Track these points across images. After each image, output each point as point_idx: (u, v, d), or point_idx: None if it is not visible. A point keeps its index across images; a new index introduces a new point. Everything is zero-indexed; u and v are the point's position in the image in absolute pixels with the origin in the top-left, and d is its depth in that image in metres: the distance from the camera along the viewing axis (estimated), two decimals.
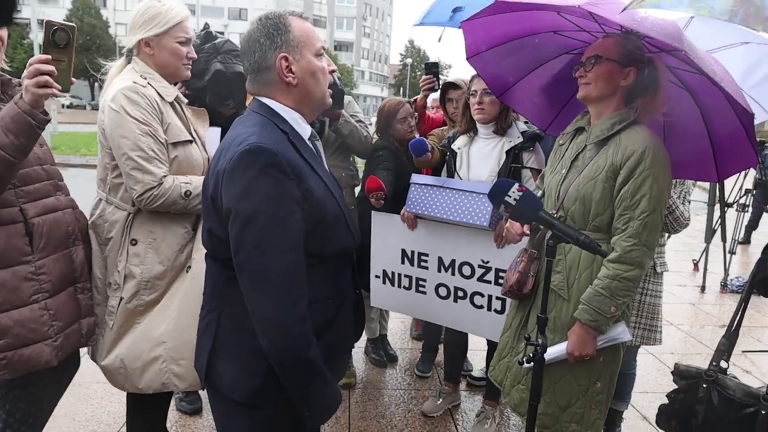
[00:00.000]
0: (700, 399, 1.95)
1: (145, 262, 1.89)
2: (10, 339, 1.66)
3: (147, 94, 1.83)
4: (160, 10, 1.87)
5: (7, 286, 1.65)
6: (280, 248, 1.22)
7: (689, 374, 2.03)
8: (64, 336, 1.80)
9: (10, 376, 1.69)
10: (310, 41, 1.34)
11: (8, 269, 1.66)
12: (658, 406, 2.11)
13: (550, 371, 1.75)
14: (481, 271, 2.52)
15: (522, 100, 2.34)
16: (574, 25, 1.89)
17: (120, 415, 2.73)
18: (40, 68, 1.49)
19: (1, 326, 1.65)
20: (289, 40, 1.31)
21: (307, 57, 1.34)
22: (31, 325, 1.70)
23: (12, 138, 1.50)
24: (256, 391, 1.32)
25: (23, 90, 1.51)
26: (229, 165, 1.21)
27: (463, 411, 3.00)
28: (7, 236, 1.66)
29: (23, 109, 1.50)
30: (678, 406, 2.03)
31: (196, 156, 1.97)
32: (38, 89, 1.49)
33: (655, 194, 1.64)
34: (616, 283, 1.65)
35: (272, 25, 1.31)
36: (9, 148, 1.50)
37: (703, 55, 1.51)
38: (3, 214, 1.65)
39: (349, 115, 3.00)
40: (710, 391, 1.94)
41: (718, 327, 4.53)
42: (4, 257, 1.66)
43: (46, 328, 1.74)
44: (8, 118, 1.50)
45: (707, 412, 1.93)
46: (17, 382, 1.76)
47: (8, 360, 1.66)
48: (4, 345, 1.66)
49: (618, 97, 1.76)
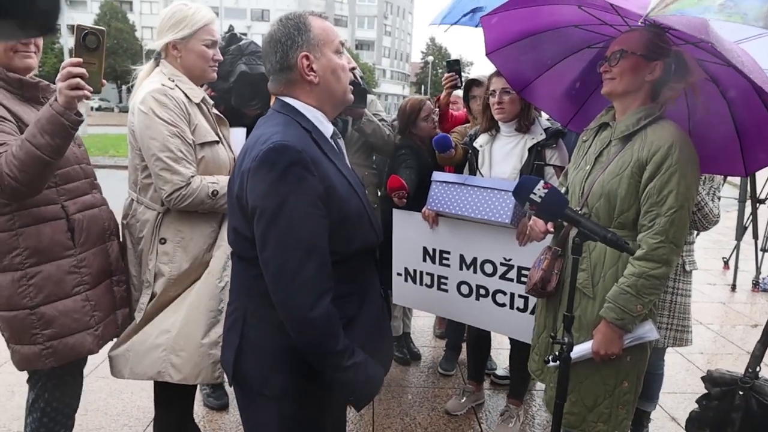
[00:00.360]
0: (737, 407, 1.89)
1: (173, 261, 1.94)
2: (56, 328, 1.78)
3: (175, 96, 1.87)
4: (187, 13, 1.91)
5: (52, 279, 1.76)
6: (305, 245, 1.24)
7: (723, 381, 1.97)
8: (104, 325, 1.92)
9: (56, 364, 1.80)
10: (330, 39, 1.36)
11: (53, 263, 1.77)
12: (689, 413, 2.06)
13: (577, 370, 1.73)
14: (503, 269, 2.51)
15: (542, 96, 2.32)
16: (596, 18, 1.86)
17: (149, 409, 2.79)
18: (72, 71, 1.55)
19: (47, 317, 1.76)
20: (309, 39, 1.33)
21: (327, 55, 1.35)
22: (74, 315, 1.81)
23: (48, 138, 1.57)
24: (284, 385, 1.35)
25: (57, 92, 1.57)
26: (254, 164, 1.24)
27: (487, 410, 2.99)
28: (52, 232, 1.76)
29: (57, 110, 1.56)
30: (712, 414, 1.97)
31: (223, 156, 2.01)
32: (71, 91, 1.55)
33: (683, 190, 1.61)
34: (643, 281, 1.63)
35: (293, 25, 1.33)
36: (45, 149, 1.57)
37: (730, 46, 1.47)
38: (47, 211, 1.75)
39: (371, 114, 3.01)
40: (747, 399, 1.88)
41: (749, 327, 4.42)
42: (50, 252, 1.76)
43: (88, 318, 1.85)
44: (44, 119, 1.57)
45: (745, 420, 1.87)
46: (57, 371, 1.86)
47: (54, 348, 1.78)
48: (51, 334, 1.77)
49: (644, 92, 1.73)
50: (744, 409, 1.88)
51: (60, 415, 1.94)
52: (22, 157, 1.55)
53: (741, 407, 1.89)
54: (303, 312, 1.24)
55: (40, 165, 1.58)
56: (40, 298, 1.75)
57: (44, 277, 1.76)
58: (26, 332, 1.76)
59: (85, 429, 2.63)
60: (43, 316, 1.76)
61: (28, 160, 1.55)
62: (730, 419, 1.91)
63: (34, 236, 1.73)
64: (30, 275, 1.74)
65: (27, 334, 1.76)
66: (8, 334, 1.79)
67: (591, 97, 2.19)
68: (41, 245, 1.74)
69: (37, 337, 1.76)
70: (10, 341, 1.80)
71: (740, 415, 1.89)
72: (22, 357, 1.78)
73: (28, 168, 1.56)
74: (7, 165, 1.56)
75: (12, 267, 1.72)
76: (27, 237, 1.72)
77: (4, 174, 1.56)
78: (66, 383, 1.94)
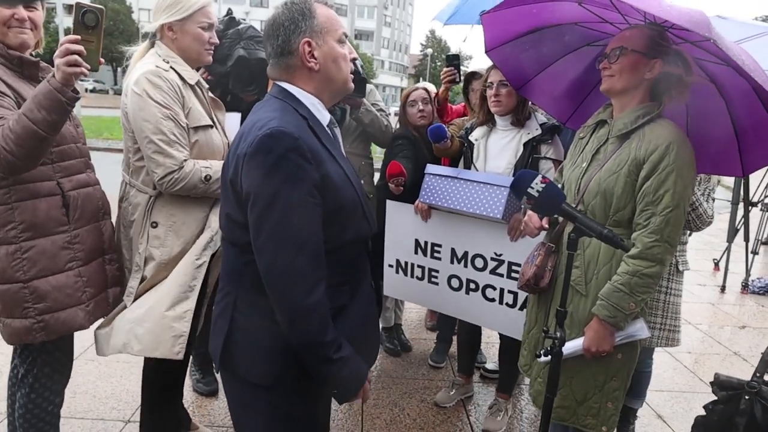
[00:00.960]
0: (741, 411, 1.90)
1: (165, 245, 1.92)
2: (48, 303, 1.79)
3: (169, 78, 1.85)
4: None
5: (46, 254, 1.78)
6: (299, 232, 1.23)
7: (730, 385, 1.97)
8: (95, 302, 1.93)
9: (46, 338, 1.81)
10: (333, 27, 1.34)
11: (47, 237, 1.79)
12: (695, 418, 2.07)
13: (567, 366, 1.74)
14: (494, 264, 2.51)
15: (541, 93, 2.31)
16: (596, 16, 1.85)
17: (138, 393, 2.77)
18: (70, 48, 1.55)
19: (40, 291, 1.78)
20: (313, 26, 1.31)
21: (329, 43, 1.34)
22: (66, 290, 1.83)
23: (44, 114, 1.57)
24: (274, 373, 1.34)
25: (55, 69, 1.57)
26: (250, 149, 1.22)
27: (476, 403, 3.01)
28: (47, 207, 1.78)
29: (54, 86, 1.57)
30: (717, 418, 1.98)
31: (217, 141, 1.99)
32: (68, 68, 1.55)
33: (679, 190, 1.61)
34: (636, 280, 1.63)
35: (297, 10, 1.31)
36: (41, 124, 1.58)
37: (731, 45, 1.47)
38: (43, 187, 1.77)
39: (370, 104, 3.00)
40: (753, 404, 1.89)
41: (737, 328, 4.46)
42: (45, 227, 1.78)
43: (80, 293, 1.86)
44: (41, 95, 1.58)
45: (748, 425, 1.88)
46: (48, 347, 1.88)
47: (46, 322, 1.79)
48: (43, 308, 1.79)
49: (643, 90, 1.72)
50: (749, 414, 1.88)
51: (48, 391, 1.94)
52: (18, 131, 1.57)
53: (746, 412, 1.89)
54: (295, 301, 1.23)
55: (36, 139, 1.59)
56: (34, 272, 1.76)
57: (38, 251, 1.77)
58: (18, 305, 1.76)
59: (74, 412, 2.63)
60: (35, 290, 1.77)
61: (24, 134, 1.57)
62: (734, 423, 1.91)
63: (30, 210, 1.75)
64: (24, 249, 1.75)
65: (19, 307, 1.76)
66: (0, 306, 1.79)
67: (590, 95, 2.19)
68: (36, 219, 1.76)
69: (29, 311, 1.77)
70: (1, 315, 1.80)
71: (744, 420, 1.89)
72: (13, 331, 1.79)
73: (23, 142, 1.58)
74: (3, 138, 1.58)
75: (6, 240, 1.73)
76: (23, 211, 1.74)
77: (1, 148, 1.58)
78: (56, 360, 1.94)
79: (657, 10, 1.44)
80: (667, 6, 1.46)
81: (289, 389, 1.37)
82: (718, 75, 1.72)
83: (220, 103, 2.13)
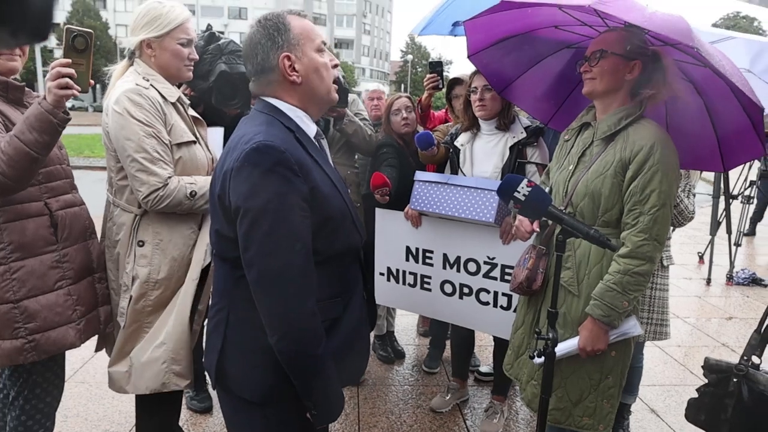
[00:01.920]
0: (730, 393, 1.95)
1: (152, 263, 1.91)
2: (38, 322, 1.79)
3: (150, 95, 1.84)
4: (161, 11, 1.88)
5: (36, 273, 1.79)
6: (288, 245, 1.22)
7: (719, 368, 2.03)
8: (86, 321, 1.93)
9: (37, 358, 1.81)
10: (311, 37, 1.35)
11: (36, 257, 1.80)
12: (687, 400, 2.12)
13: (561, 366, 1.76)
14: (487, 268, 2.53)
15: (523, 96, 2.35)
16: (575, 19, 1.89)
17: (131, 414, 2.75)
18: (61, 71, 1.59)
19: (30, 310, 1.78)
20: (289, 39, 1.31)
21: (309, 54, 1.34)
22: (57, 309, 1.83)
23: (36, 135, 1.61)
24: (268, 389, 1.33)
25: (46, 91, 1.62)
26: (237, 164, 1.22)
27: (472, 406, 3.02)
28: (36, 227, 1.80)
29: (46, 108, 1.61)
30: (707, 400, 2.03)
31: (200, 156, 1.98)
32: (60, 90, 1.60)
33: (665, 188, 1.64)
34: (628, 278, 1.66)
35: (272, 26, 1.32)
36: (33, 145, 1.61)
37: (712, 50, 1.51)
38: (31, 208, 1.79)
39: (353, 114, 3.01)
40: (740, 386, 1.94)
41: (724, 319, 4.53)
42: (33, 246, 1.79)
43: (70, 312, 1.87)
44: (32, 117, 1.62)
45: (737, 406, 1.94)
46: (38, 367, 1.87)
47: (36, 342, 1.79)
48: (34, 328, 1.79)
49: (623, 92, 1.76)
50: (737, 395, 1.94)
51: (39, 413, 1.92)
52: (10, 152, 1.60)
53: (734, 394, 1.95)
54: (288, 311, 1.23)
55: (28, 161, 1.62)
56: (23, 292, 1.77)
57: (27, 271, 1.78)
58: (8, 326, 1.76)
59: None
60: (26, 310, 1.77)
61: (16, 156, 1.60)
62: (723, 405, 1.97)
63: (18, 231, 1.76)
64: (13, 269, 1.76)
65: (9, 328, 1.76)
66: None
67: (570, 95, 2.22)
68: (25, 240, 1.77)
69: (20, 331, 1.77)
70: None
71: (733, 401, 1.95)
72: (2, 352, 1.77)
73: (15, 163, 1.60)
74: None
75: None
76: (11, 232, 1.75)
77: None
78: (47, 380, 1.93)
79: (640, 21, 1.47)
80: (649, 15, 1.49)
81: (283, 404, 1.36)
82: (696, 75, 1.76)
83: (201, 119, 2.12)
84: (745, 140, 1.76)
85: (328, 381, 1.31)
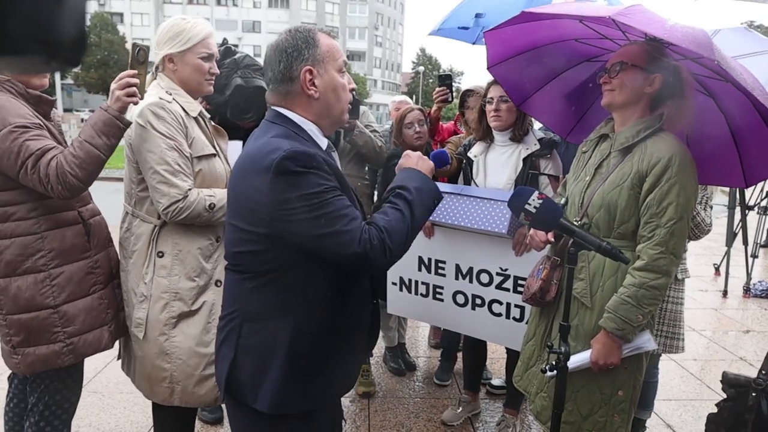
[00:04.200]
0: (749, 408, 1.93)
1: (172, 274, 1.93)
2: (77, 325, 1.89)
3: (172, 109, 1.88)
4: (184, 27, 1.93)
5: (74, 279, 1.90)
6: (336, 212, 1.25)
7: (738, 383, 2.01)
8: (115, 323, 2.03)
9: (74, 360, 1.92)
10: (335, 57, 1.37)
11: (74, 264, 1.91)
12: (707, 415, 2.09)
13: (573, 380, 1.74)
14: (500, 279, 2.51)
15: (542, 109, 2.34)
16: (596, 33, 1.89)
17: (143, 425, 2.77)
18: (130, 81, 1.78)
19: (69, 314, 1.88)
20: (315, 54, 1.34)
21: (330, 72, 1.36)
22: (93, 313, 1.94)
23: (105, 139, 1.77)
24: (279, 401, 1.33)
25: (112, 99, 1.78)
26: (271, 176, 1.21)
27: (483, 419, 2.98)
28: (73, 235, 1.90)
29: (113, 114, 1.77)
30: (726, 415, 2.01)
31: (220, 169, 2.01)
32: (128, 98, 1.78)
33: (682, 202, 1.63)
34: (643, 292, 1.64)
35: (301, 38, 1.34)
36: (103, 148, 1.77)
37: (734, 63, 1.50)
38: (68, 216, 1.90)
39: (363, 126, 3.03)
40: (760, 400, 1.92)
41: (741, 332, 4.45)
42: (72, 253, 1.90)
43: (104, 315, 1.98)
44: (101, 122, 1.77)
45: (757, 421, 1.91)
46: (60, 374, 1.94)
47: (74, 345, 1.89)
48: (72, 331, 1.89)
49: (643, 104, 1.75)
50: (756, 410, 1.91)
51: (57, 420, 1.97)
52: (82, 156, 1.74)
53: (753, 408, 1.92)
54: (352, 252, 1.24)
55: (98, 163, 1.78)
56: (63, 297, 1.86)
57: (67, 277, 1.87)
58: (47, 331, 1.84)
59: None
60: (65, 314, 1.86)
61: (88, 159, 1.74)
62: (743, 420, 1.94)
63: (58, 239, 1.86)
64: (53, 276, 1.85)
65: (47, 333, 1.84)
66: (21, 337, 1.84)
67: (590, 109, 2.22)
68: (64, 247, 1.87)
69: (58, 335, 1.85)
70: (20, 345, 1.84)
71: (753, 416, 1.92)
72: (36, 359, 1.84)
73: (88, 166, 1.75)
74: (68, 164, 1.72)
75: (35, 269, 1.83)
76: (51, 240, 1.85)
77: (67, 172, 1.72)
78: (68, 387, 1.99)
79: (661, 33, 1.47)
80: (669, 28, 1.48)
81: (294, 415, 1.36)
82: (717, 90, 1.75)
83: (222, 131, 2.16)
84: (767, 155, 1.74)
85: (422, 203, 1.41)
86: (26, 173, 1.71)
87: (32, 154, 1.70)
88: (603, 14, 1.56)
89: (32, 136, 1.73)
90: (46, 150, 1.73)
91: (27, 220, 1.81)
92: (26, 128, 1.73)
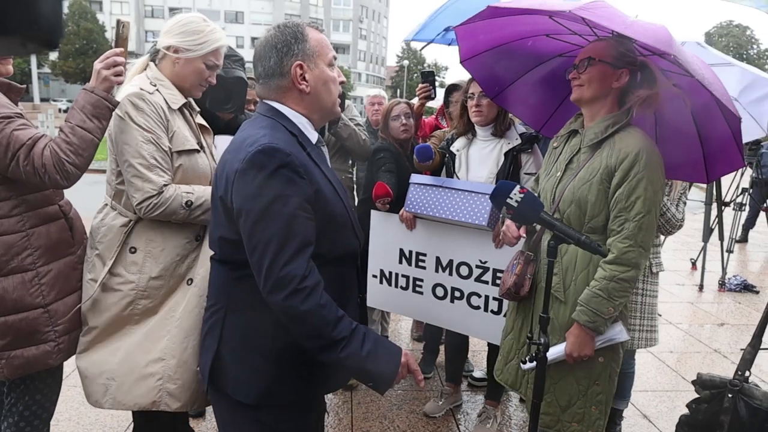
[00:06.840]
0: (725, 409, 1.93)
1: (142, 271, 1.85)
2: (67, 323, 1.83)
3: (153, 101, 1.80)
4: (204, 29, 1.86)
5: (62, 276, 1.84)
6: (294, 242, 1.23)
7: (713, 384, 2.00)
8: None
9: (65, 359, 1.86)
10: (324, 51, 1.38)
11: (61, 260, 1.85)
12: (679, 417, 2.10)
13: (550, 372, 1.77)
14: (479, 272, 2.54)
15: (516, 102, 2.37)
16: (566, 28, 1.92)
17: (124, 418, 2.75)
18: (117, 60, 1.71)
19: (60, 312, 1.82)
20: (305, 49, 1.34)
21: (320, 66, 1.37)
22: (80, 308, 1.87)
23: (96, 122, 1.70)
24: (263, 392, 1.34)
25: (97, 79, 1.70)
26: (242, 165, 1.23)
27: (465, 411, 3.02)
28: (58, 231, 1.84)
29: (101, 95, 1.70)
30: (701, 417, 2.01)
31: (203, 165, 1.92)
32: (115, 77, 1.71)
33: (650, 196, 1.67)
34: (613, 284, 1.68)
35: (290, 33, 1.34)
36: (96, 131, 1.71)
37: (692, 59, 1.54)
38: (51, 211, 1.84)
39: (347, 119, 3.03)
40: (736, 401, 1.92)
41: (716, 326, 4.56)
42: (58, 250, 1.84)
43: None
44: (89, 105, 1.70)
45: (733, 423, 1.91)
46: (41, 373, 1.87)
47: (65, 343, 1.83)
48: (63, 329, 1.82)
49: (611, 99, 1.79)
50: (732, 412, 1.91)
51: (37, 419, 1.91)
52: (76, 142, 1.68)
53: (729, 410, 1.92)
54: (295, 307, 1.23)
55: (92, 147, 1.72)
56: (53, 295, 1.80)
57: (55, 275, 1.81)
58: (37, 331, 1.77)
59: None
60: (56, 313, 1.80)
61: (83, 144, 1.69)
62: (719, 422, 1.94)
63: (45, 236, 1.80)
64: (42, 274, 1.78)
65: (38, 333, 1.77)
66: (7, 340, 1.73)
67: (563, 103, 2.25)
68: (50, 243, 1.81)
69: (50, 334, 1.79)
70: (4, 349, 1.74)
71: (729, 417, 1.92)
72: (24, 361, 1.75)
73: (83, 151, 1.69)
74: (63, 152, 1.66)
75: (22, 268, 1.75)
76: (38, 237, 1.78)
77: (64, 160, 1.65)
78: (48, 386, 1.92)
79: (622, 29, 1.51)
80: (630, 23, 1.52)
81: (278, 407, 1.37)
82: (684, 86, 1.79)
83: (207, 127, 2.08)
84: (727, 151, 1.79)
85: (361, 359, 1.30)
86: (18, 165, 1.63)
87: (23, 145, 1.63)
88: (564, 8, 1.59)
89: (18, 126, 1.65)
90: (37, 139, 1.65)
91: (10, 218, 1.73)
92: (9, 118, 1.64)
